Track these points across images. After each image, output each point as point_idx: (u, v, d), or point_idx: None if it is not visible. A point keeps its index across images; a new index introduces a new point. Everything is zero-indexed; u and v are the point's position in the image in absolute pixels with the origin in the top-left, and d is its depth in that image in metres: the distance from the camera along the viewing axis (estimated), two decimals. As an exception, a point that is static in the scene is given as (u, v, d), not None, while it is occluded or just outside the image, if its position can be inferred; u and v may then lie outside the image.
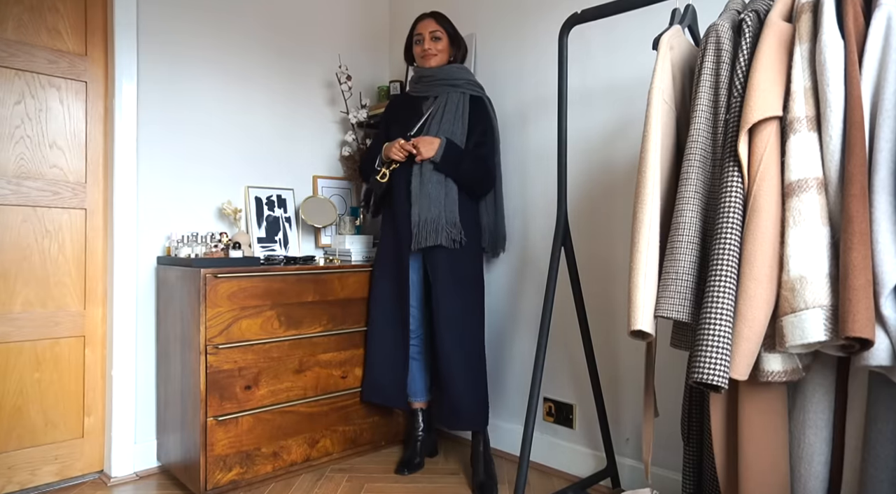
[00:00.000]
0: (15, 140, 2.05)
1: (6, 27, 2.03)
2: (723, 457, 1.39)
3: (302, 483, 2.12)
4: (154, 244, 2.29)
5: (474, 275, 2.22)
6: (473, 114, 2.24)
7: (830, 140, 1.18)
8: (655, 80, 1.42)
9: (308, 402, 2.22)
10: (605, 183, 2.14)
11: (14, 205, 2.05)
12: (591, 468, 2.16)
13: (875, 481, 1.17)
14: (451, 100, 2.24)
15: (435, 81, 2.30)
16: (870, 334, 1.07)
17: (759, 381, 1.28)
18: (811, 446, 1.29)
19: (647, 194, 1.39)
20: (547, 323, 1.79)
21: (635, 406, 2.06)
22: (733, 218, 1.26)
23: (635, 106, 2.05)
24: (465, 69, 2.34)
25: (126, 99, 2.20)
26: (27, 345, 2.07)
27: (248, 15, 2.54)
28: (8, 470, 2.03)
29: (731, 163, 1.28)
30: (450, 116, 2.22)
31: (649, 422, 1.60)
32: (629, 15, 2.06)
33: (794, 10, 1.28)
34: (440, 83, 2.29)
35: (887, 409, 1.16)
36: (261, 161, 2.57)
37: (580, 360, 2.21)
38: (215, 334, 1.98)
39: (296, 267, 2.21)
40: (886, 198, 1.11)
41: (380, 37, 3.04)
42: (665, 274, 1.36)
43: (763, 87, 1.24)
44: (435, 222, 2.12)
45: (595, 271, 2.17)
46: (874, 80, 1.16)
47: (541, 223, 2.34)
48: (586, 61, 2.18)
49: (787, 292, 1.18)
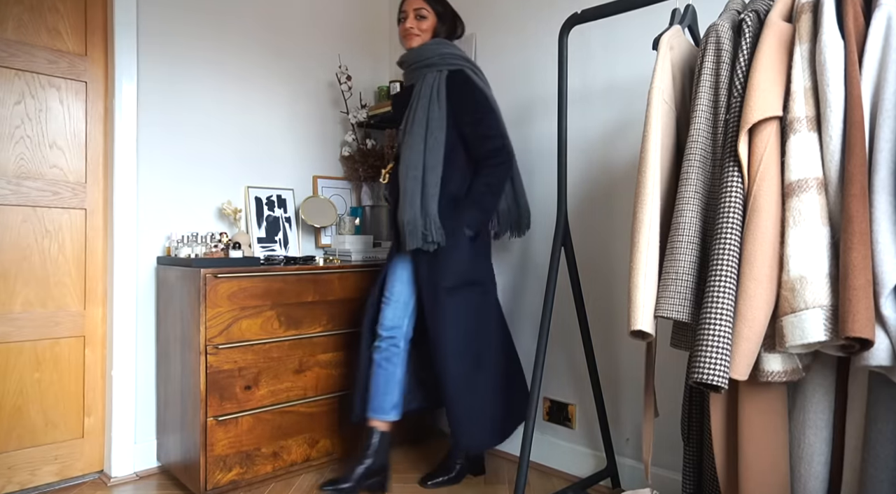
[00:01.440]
0: (15, 140, 2.05)
1: (6, 27, 2.03)
2: (723, 457, 1.39)
3: (302, 484, 2.12)
4: (154, 244, 2.29)
5: (466, 277, 2.00)
6: (454, 92, 1.99)
7: (830, 140, 1.18)
8: (655, 80, 1.42)
9: (308, 402, 2.21)
10: (605, 183, 2.14)
11: (14, 205, 2.05)
12: (591, 468, 2.16)
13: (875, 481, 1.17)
14: (427, 83, 2.01)
15: (411, 65, 2.10)
16: (870, 334, 1.07)
17: (759, 381, 1.28)
18: (811, 446, 1.29)
19: (647, 194, 1.39)
20: (547, 323, 1.79)
21: (635, 406, 2.06)
22: (733, 218, 1.26)
23: (635, 106, 2.05)
24: (443, 43, 2.07)
25: (126, 99, 2.20)
26: (27, 345, 2.07)
27: (248, 15, 2.54)
28: (8, 470, 2.03)
29: (731, 163, 1.28)
30: (424, 103, 1.99)
31: (649, 422, 1.60)
32: (629, 15, 2.06)
33: (794, 10, 1.28)
34: (416, 66, 2.08)
35: (887, 409, 1.16)
36: (261, 161, 2.57)
37: (580, 360, 2.21)
38: (215, 334, 1.98)
39: (296, 268, 2.20)
40: (886, 198, 1.11)
41: (380, 37, 3.04)
42: (665, 274, 1.36)
43: (763, 87, 1.24)
44: (411, 223, 1.93)
45: (595, 271, 2.17)
46: (874, 80, 1.16)
47: (541, 223, 2.34)
48: (586, 61, 2.18)
49: (787, 292, 1.18)
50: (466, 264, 2.00)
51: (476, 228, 1.99)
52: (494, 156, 1.99)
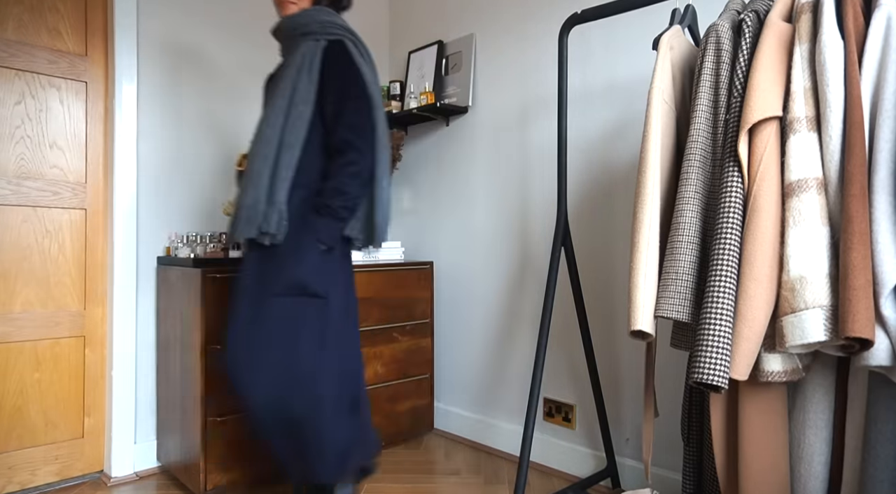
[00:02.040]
0: (15, 140, 2.05)
1: (6, 27, 2.03)
2: (723, 457, 1.39)
3: (302, 483, 2.13)
4: (154, 244, 2.29)
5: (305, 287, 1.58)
6: (329, 66, 1.64)
7: (830, 140, 1.18)
8: (655, 80, 1.42)
9: (308, 402, 2.21)
10: (605, 183, 2.14)
11: (14, 205, 2.05)
12: (591, 468, 2.16)
13: (875, 481, 1.17)
14: (300, 52, 1.66)
15: (286, 34, 1.74)
16: (870, 334, 1.07)
17: (759, 381, 1.28)
18: (811, 446, 1.29)
19: (647, 194, 1.39)
20: (547, 323, 1.79)
21: (635, 406, 2.06)
22: (733, 218, 1.26)
23: (635, 106, 2.05)
24: (324, 10, 1.72)
25: (126, 99, 2.20)
26: (27, 345, 2.07)
27: (247, 16, 2.54)
28: (8, 470, 2.03)
29: (731, 163, 1.28)
30: (292, 72, 1.63)
31: (649, 422, 1.60)
32: (629, 15, 2.06)
33: (794, 11, 1.28)
34: (291, 35, 1.72)
35: (887, 409, 1.16)
36: (261, 161, 2.57)
37: (580, 360, 2.21)
38: (215, 334, 1.97)
39: (296, 268, 2.20)
40: (886, 198, 1.11)
41: (380, 37, 3.04)
42: (665, 274, 1.36)
43: (763, 87, 1.24)
44: (251, 208, 1.56)
45: (595, 271, 2.17)
46: (874, 80, 1.16)
47: (541, 223, 2.34)
48: (586, 61, 2.18)
49: (787, 292, 1.19)
50: (309, 271, 1.59)
51: (328, 239, 1.60)
52: (342, 153, 1.61)
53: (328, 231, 1.60)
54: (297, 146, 1.59)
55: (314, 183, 1.63)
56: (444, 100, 2.67)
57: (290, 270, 1.57)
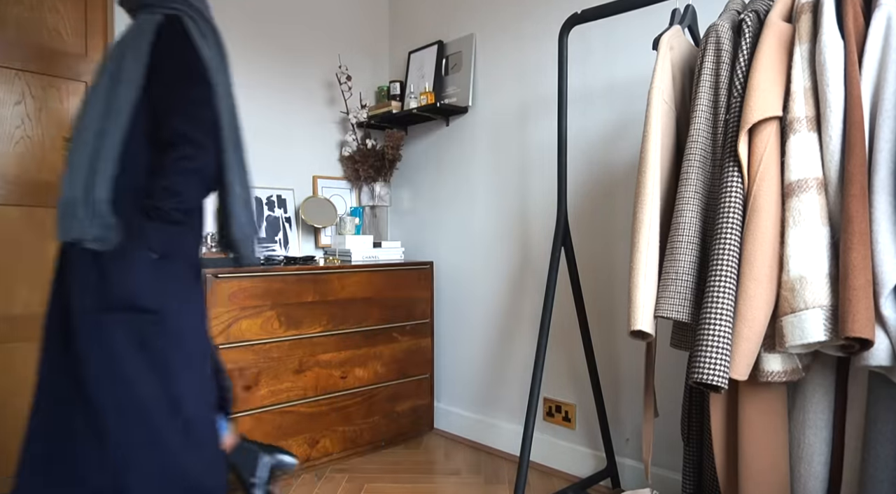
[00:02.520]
0: (15, 140, 2.05)
1: (6, 27, 2.03)
2: (723, 457, 1.40)
3: (302, 483, 2.12)
4: (154, 244, 2.28)
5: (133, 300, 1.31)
6: (161, 43, 1.38)
7: (830, 140, 1.18)
8: (655, 80, 1.42)
9: (308, 402, 2.22)
10: (605, 183, 2.14)
11: (14, 205, 2.05)
12: (591, 468, 2.16)
13: (875, 481, 1.17)
14: (131, 27, 1.42)
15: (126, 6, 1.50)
16: (869, 334, 1.07)
17: (759, 381, 1.28)
18: (811, 446, 1.29)
19: (647, 194, 1.39)
20: (547, 323, 1.79)
21: (635, 406, 2.06)
22: (733, 218, 1.26)
23: (635, 106, 2.05)
24: None
25: (126, 99, 2.20)
26: (28, 346, 2.07)
27: (247, 16, 2.54)
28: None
29: (731, 163, 1.28)
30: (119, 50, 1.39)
31: (649, 422, 1.60)
32: (629, 15, 2.06)
33: (794, 11, 1.28)
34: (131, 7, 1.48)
35: (887, 409, 1.16)
36: (260, 161, 2.57)
37: (580, 360, 2.21)
38: (215, 334, 1.97)
39: (296, 268, 2.21)
40: (886, 198, 1.11)
41: (380, 37, 3.04)
42: (665, 274, 1.36)
43: (763, 88, 1.24)
44: (68, 205, 1.30)
45: (595, 271, 2.17)
46: (874, 80, 1.16)
47: (541, 223, 2.34)
48: (586, 61, 2.18)
49: (787, 292, 1.19)
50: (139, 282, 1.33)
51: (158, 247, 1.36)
52: (174, 147, 1.34)
53: (159, 236, 1.35)
54: (118, 134, 1.34)
55: (138, 179, 1.36)
56: (444, 100, 2.67)
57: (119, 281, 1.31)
